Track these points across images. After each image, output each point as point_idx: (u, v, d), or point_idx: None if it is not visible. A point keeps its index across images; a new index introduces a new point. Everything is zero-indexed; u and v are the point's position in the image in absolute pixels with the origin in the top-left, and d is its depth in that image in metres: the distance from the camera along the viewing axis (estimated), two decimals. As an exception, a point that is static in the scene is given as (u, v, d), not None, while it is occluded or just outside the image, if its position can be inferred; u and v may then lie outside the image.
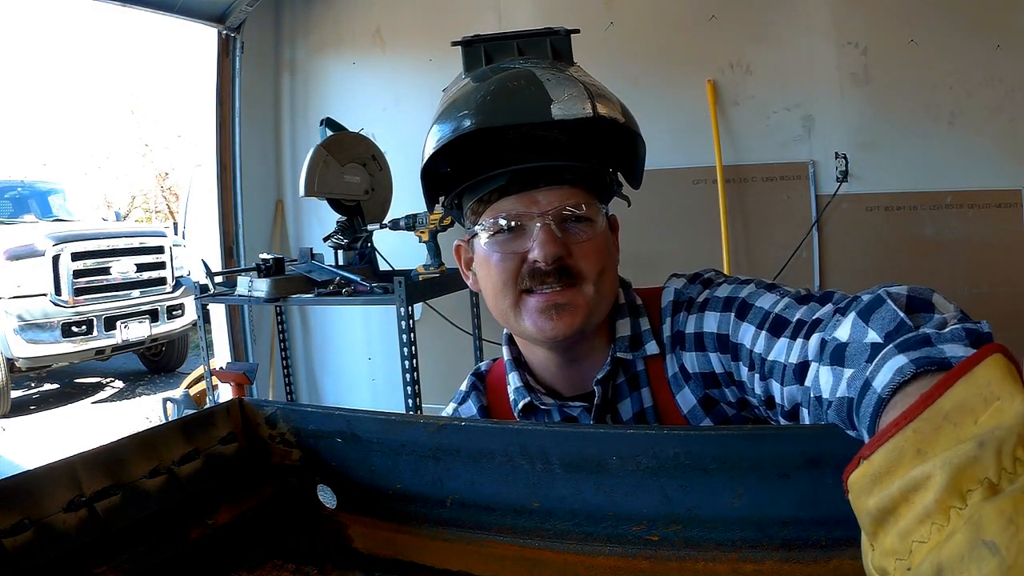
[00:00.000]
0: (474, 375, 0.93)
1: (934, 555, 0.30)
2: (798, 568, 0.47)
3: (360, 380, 3.50)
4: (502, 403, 0.87)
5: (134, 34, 12.68)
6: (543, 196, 0.75)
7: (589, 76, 0.76)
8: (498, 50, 0.78)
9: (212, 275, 2.56)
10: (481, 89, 0.72)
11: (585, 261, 0.75)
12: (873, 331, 0.49)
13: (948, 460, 0.31)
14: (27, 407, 5.32)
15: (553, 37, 0.78)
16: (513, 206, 0.75)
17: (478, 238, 0.78)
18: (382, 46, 3.31)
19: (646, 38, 2.85)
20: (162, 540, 0.55)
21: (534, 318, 0.75)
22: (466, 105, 0.71)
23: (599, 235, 0.77)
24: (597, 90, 0.71)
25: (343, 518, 0.62)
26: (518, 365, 0.85)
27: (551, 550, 0.53)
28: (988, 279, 2.58)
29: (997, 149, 2.54)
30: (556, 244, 0.73)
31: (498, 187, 0.76)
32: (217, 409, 0.65)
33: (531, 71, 0.72)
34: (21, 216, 5.83)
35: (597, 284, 0.76)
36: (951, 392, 0.33)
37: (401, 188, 2.86)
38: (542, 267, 0.74)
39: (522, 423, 0.58)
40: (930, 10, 2.55)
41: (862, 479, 0.36)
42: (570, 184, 0.76)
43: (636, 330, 0.82)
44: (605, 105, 0.70)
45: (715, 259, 2.76)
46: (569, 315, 0.75)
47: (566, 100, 0.68)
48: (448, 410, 0.92)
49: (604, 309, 0.78)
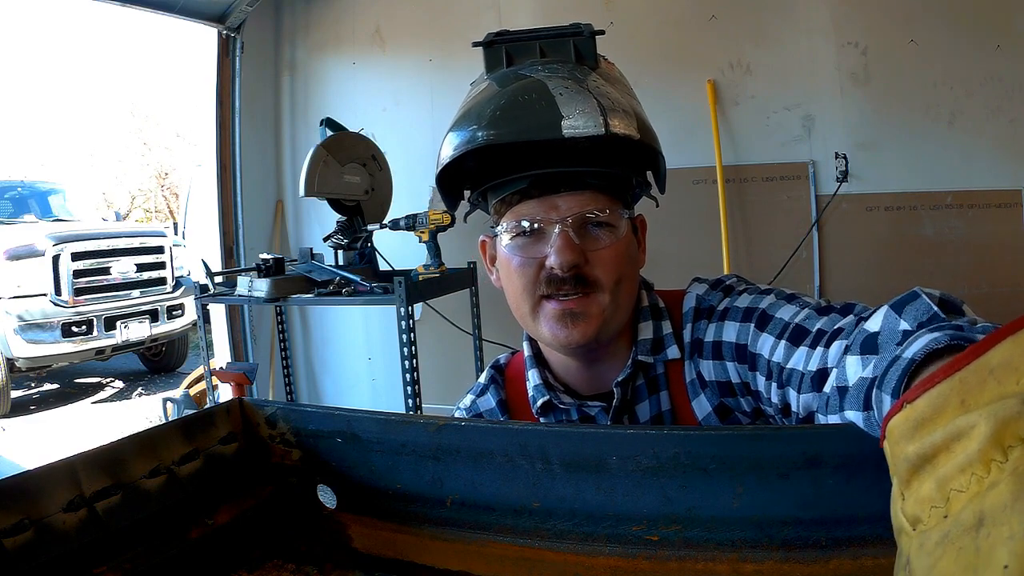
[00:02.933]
0: (493, 368, 0.93)
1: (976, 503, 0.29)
2: (798, 568, 0.47)
3: (360, 380, 3.50)
4: (520, 398, 0.87)
5: (134, 34, 12.68)
6: (563, 201, 0.74)
7: (610, 83, 0.74)
8: (520, 51, 0.77)
9: (212, 275, 2.56)
10: (493, 102, 0.71)
11: (602, 269, 0.74)
12: (905, 321, 0.49)
13: (994, 413, 0.30)
14: (27, 407, 5.32)
15: (576, 39, 0.76)
16: (533, 210, 0.75)
17: (500, 239, 0.78)
18: (382, 46, 3.31)
19: (646, 38, 2.85)
20: (162, 540, 0.55)
21: (551, 325, 0.75)
22: (478, 118, 0.70)
23: (619, 242, 0.76)
24: (612, 104, 0.69)
25: (343, 518, 0.62)
26: (538, 362, 0.85)
27: (551, 550, 0.53)
28: (988, 279, 2.58)
29: (997, 149, 2.55)
30: (573, 251, 0.73)
31: (519, 190, 0.75)
32: (217, 409, 0.65)
33: (544, 84, 0.70)
34: (21, 216, 5.83)
35: (614, 293, 0.75)
36: (999, 348, 0.32)
37: (401, 188, 2.86)
38: (558, 274, 0.73)
39: (522, 423, 0.58)
40: (930, 10, 2.55)
41: (904, 423, 0.35)
42: (592, 189, 0.75)
43: (658, 333, 0.82)
44: (620, 121, 0.68)
45: (715, 259, 2.76)
46: (584, 324, 0.74)
47: (577, 117, 0.67)
48: (466, 401, 0.92)
49: (621, 317, 0.78)
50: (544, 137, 0.68)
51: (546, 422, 0.83)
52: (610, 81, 0.75)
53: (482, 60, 0.79)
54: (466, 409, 0.91)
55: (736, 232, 2.82)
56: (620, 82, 0.78)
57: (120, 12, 2.88)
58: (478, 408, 0.90)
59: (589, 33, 0.76)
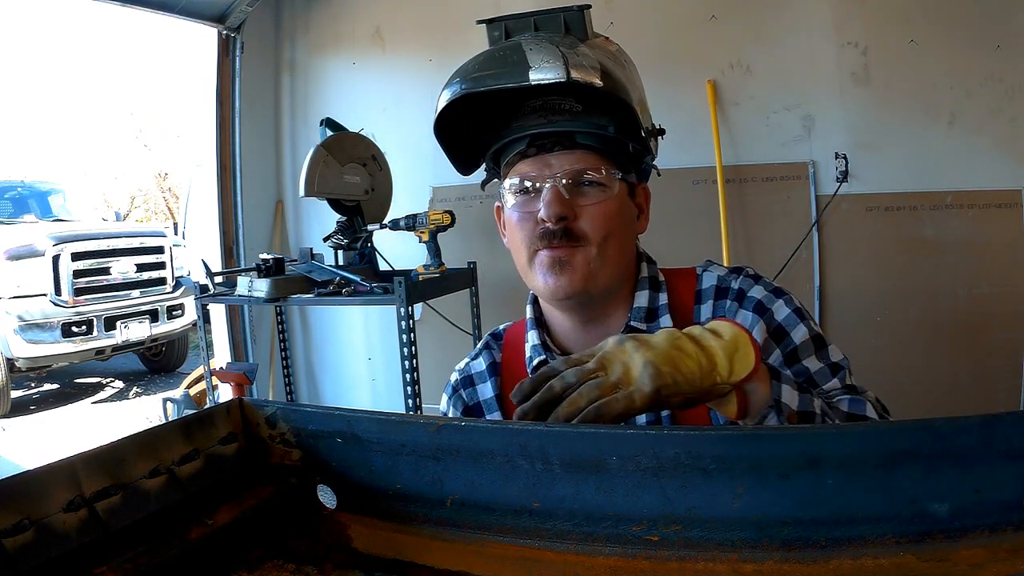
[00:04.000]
0: (491, 334, 0.98)
1: None
2: (798, 568, 0.47)
3: (360, 380, 3.50)
4: (517, 359, 0.92)
5: (134, 34, 12.68)
6: (556, 159, 0.81)
7: (597, 52, 0.78)
8: (518, 27, 0.84)
9: (212, 275, 2.57)
10: (474, 59, 0.79)
11: (590, 224, 0.80)
12: None
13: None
14: (27, 407, 5.32)
15: (566, 13, 0.83)
16: (529, 169, 0.82)
17: (505, 198, 0.85)
18: (382, 46, 3.31)
19: (646, 38, 2.85)
20: (162, 540, 0.55)
21: (543, 273, 0.81)
22: (460, 73, 0.78)
23: (610, 200, 0.81)
24: (578, 58, 0.75)
25: (343, 518, 0.62)
26: (538, 324, 0.90)
27: (551, 550, 0.53)
28: (988, 279, 2.57)
29: (997, 149, 2.54)
30: (561, 204, 0.78)
31: (519, 151, 0.82)
32: (217, 409, 0.65)
33: (519, 43, 0.77)
34: (21, 216, 5.83)
35: (601, 247, 0.80)
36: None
37: (401, 188, 2.86)
38: (549, 227, 0.79)
39: (522, 423, 0.58)
40: (930, 10, 2.55)
41: None
42: (584, 149, 0.80)
43: (653, 303, 0.86)
44: (581, 71, 0.74)
45: (715, 259, 2.75)
46: (570, 272, 0.79)
47: (541, 67, 0.74)
48: (461, 364, 0.97)
49: (610, 272, 0.82)
50: (513, 83, 0.75)
51: None
52: (601, 49, 0.81)
53: None
54: (459, 371, 0.97)
55: (736, 232, 2.82)
56: (611, 54, 0.82)
57: (120, 12, 2.88)
58: (470, 370, 0.95)
59: (578, 8, 0.83)
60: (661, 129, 0.89)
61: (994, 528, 0.43)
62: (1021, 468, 0.42)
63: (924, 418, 0.44)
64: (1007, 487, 0.42)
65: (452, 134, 0.85)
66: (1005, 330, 2.53)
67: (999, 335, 2.55)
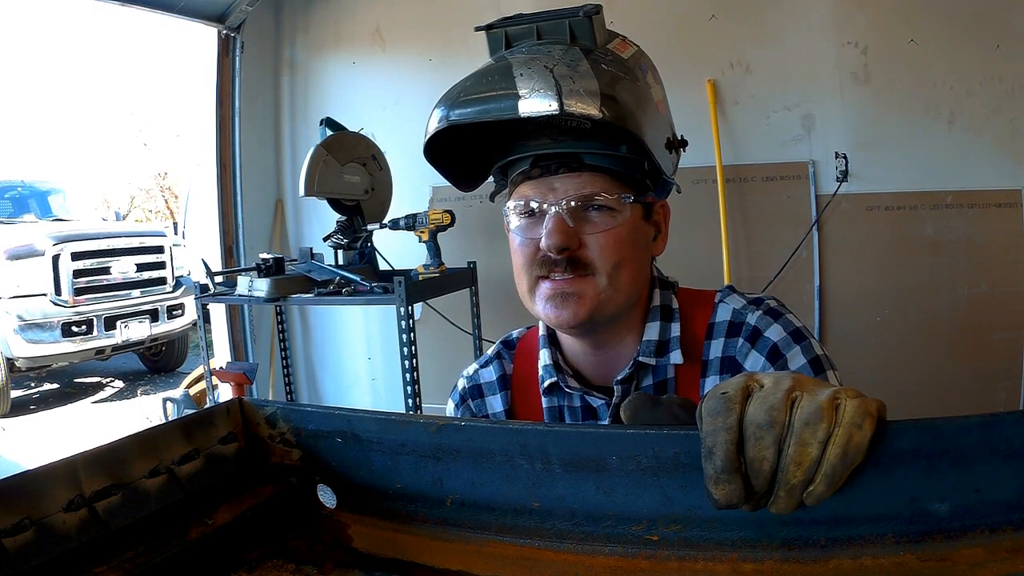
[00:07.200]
0: (502, 342, 0.94)
1: None
2: (798, 568, 0.47)
3: (360, 380, 3.50)
4: (530, 372, 0.87)
5: (134, 34, 12.67)
6: (560, 183, 0.75)
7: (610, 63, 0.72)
8: (519, 35, 0.77)
9: (212, 275, 2.56)
10: (461, 84, 0.72)
11: (598, 253, 0.74)
12: None
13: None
14: (27, 407, 5.32)
15: (572, 20, 0.75)
16: (532, 192, 0.76)
17: (508, 219, 0.80)
18: (382, 46, 3.31)
19: (646, 38, 2.80)
20: (162, 540, 0.55)
21: (544, 304, 0.76)
22: (448, 98, 0.72)
23: (619, 226, 0.75)
24: (574, 84, 0.67)
25: (343, 518, 0.62)
26: (551, 342, 0.85)
27: (551, 550, 0.53)
28: (988, 279, 2.57)
29: (997, 149, 2.54)
30: (563, 234, 0.73)
31: (522, 171, 0.77)
32: (217, 409, 0.65)
33: (509, 65, 0.70)
34: (21, 216, 5.83)
35: (612, 276, 0.74)
36: None
37: (401, 188, 2.86)
38: (551, 256, 0.74)
39: (521, 423, 0.58)
40: (930, 10, 2.55)
41: None
42: (591, 171, 0.74)
43: (664, 336, 0.81)
44: (578, 100, 0.66)
45: (715, 259, 2.76)
46: (575, 304, 0.74)
47: (531, 96, 0.67)
48: (470, 369, 0.93)
49: (620, 301, 0.77)
50: (503, 117, 0.68)
51: (548, 405, 0.84)
52: (611, 61, 0.74)
53: (482, 58, 0.79)
54: (468, 378, 0.92)
55: (736, 232, 2.81)
56: (623, 64, 0.76)
57: (120, 12, 2.88)
58: (479, 379, 0.91)
59: (584, 14, 0.75)
60: (684, 140, 0.83)
61: (994, 528, 0.43)
62: (1021, 468, 0.42)
63: (924, 418, 0.44)
64: (1007, 487, 0.42)
65: (449, 152, 0.80)
66: (1005, 330, 2.53)
67: (999, 335, 2.54)
